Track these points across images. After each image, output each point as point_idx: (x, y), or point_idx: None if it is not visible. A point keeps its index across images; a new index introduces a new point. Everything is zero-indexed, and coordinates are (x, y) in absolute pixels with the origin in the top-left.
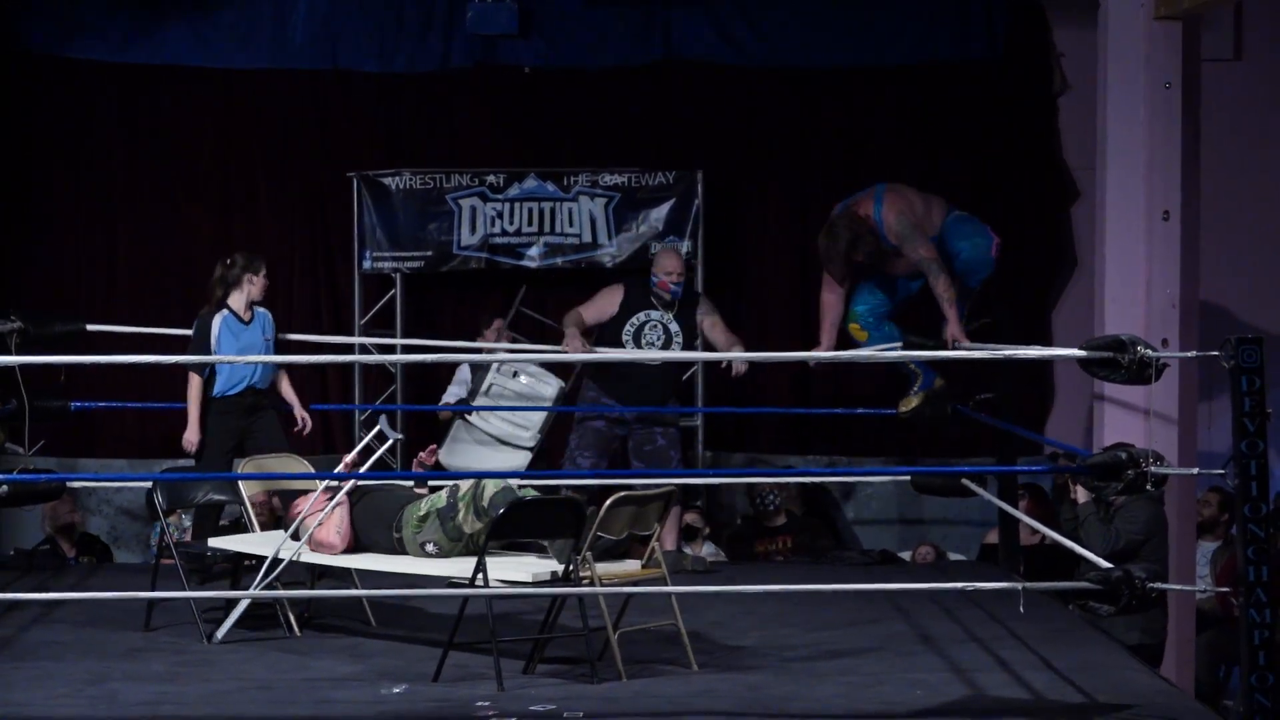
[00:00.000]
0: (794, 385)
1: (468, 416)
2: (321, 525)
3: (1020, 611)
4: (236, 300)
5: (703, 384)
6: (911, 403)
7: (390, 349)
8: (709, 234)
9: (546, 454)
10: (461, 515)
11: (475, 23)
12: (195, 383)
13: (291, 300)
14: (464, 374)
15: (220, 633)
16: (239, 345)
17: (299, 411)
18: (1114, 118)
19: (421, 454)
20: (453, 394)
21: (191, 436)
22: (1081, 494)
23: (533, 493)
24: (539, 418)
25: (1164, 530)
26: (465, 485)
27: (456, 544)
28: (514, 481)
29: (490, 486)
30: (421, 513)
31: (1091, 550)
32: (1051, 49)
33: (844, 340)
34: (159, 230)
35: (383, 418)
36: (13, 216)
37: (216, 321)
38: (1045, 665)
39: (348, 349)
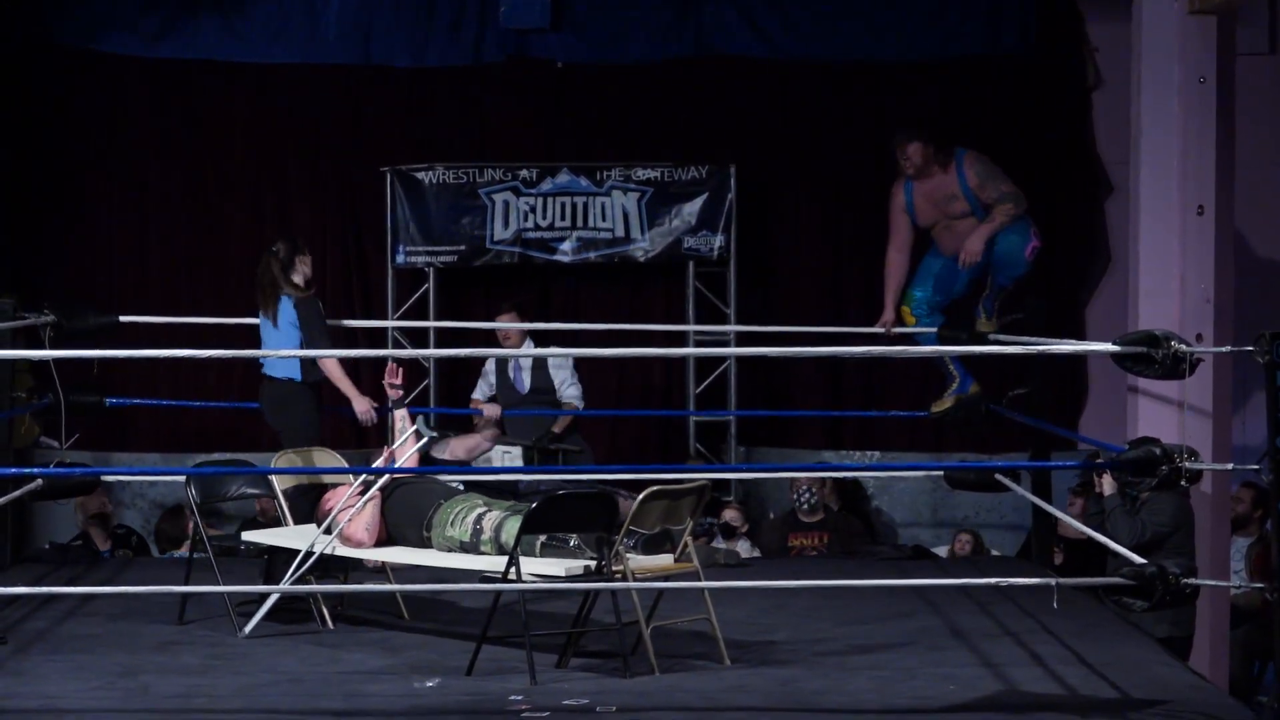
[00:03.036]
0: (827, 379)
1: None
2: (351, 521)
3: (1053, 606)
4: (300, 282)
5: (735, 382)
6: (944, 404)
7: (423, 334)
8: (742, 227)
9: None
10: (484, 550)
11: (507, 17)
12: (336, 364)
13: (325, 294)
14: (489, 369)
15: (249, 627)
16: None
17: None
18: (1148, 112)
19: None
20: (482, 390)
21: (365, 405)
22: (1107, 486)
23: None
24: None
25: (1190, 522)
26: (487, 526)
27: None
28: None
29: (511, 524)
30: (449, 533)
31: (1118, 542)
32: (1085, 43)
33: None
34: (191, 224)
35: (420, 418)
36: (46, 210)
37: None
38: (1078, 660)
39: (381, 337)
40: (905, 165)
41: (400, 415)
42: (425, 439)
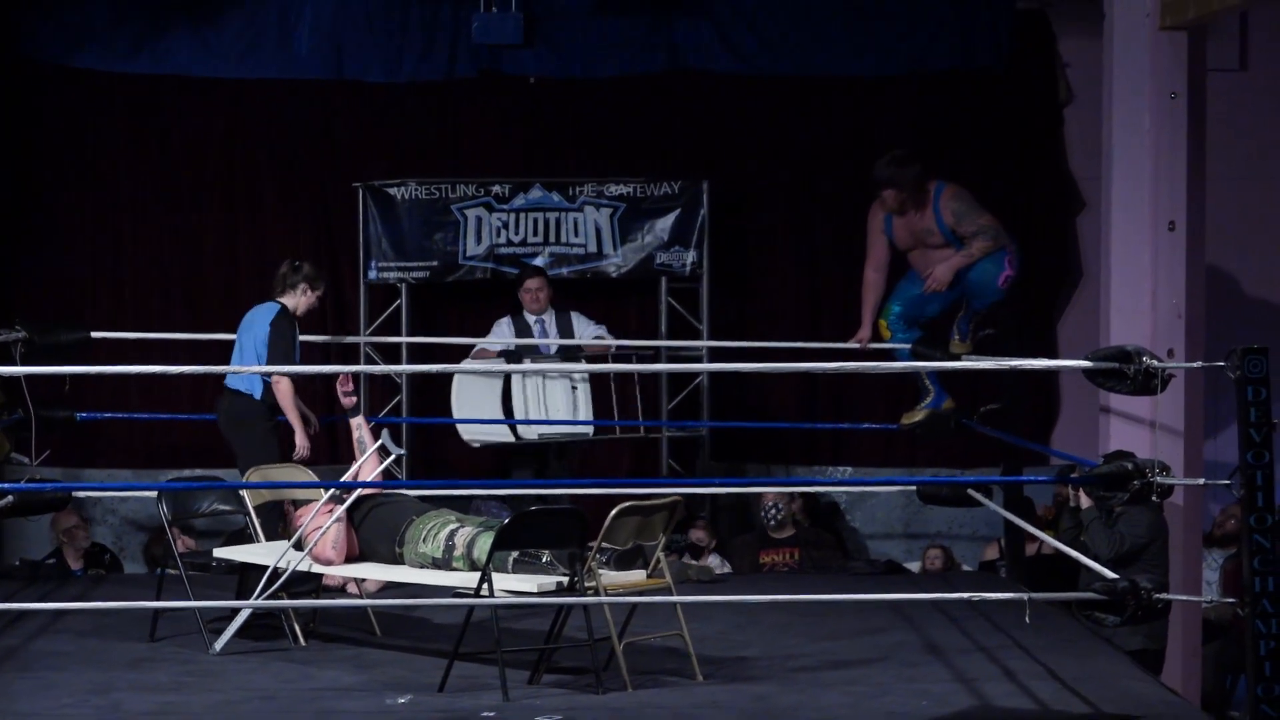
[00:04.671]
0: (801, 395)
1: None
2: (319, 540)
3: (1025, 621)
4: (290, 304)
5: (709, 395)
6: (915, 416)
7: (395, 352)
8: (715, 243)
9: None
10: (457, 566)
11: (480, 33)
12: (289, 385)
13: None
14: (505, 329)
15: (220, 643)
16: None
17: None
18: (1119, 128)
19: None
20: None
21: (304, 440)
22: (1084, 499)
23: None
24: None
25: (1165, 535)
26: (460, 542)
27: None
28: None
29: (484, 540)
30: (422, 549)
31: (1097, 553)
32: (1057, 59)
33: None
34: (165, 240)
35: (385, 431)
36: (19, 226)
37: (295, 327)
38: (1050, 675)
39: (353, 353)
40: (880, 203)
41: (355, 424)
42: (392, 456)
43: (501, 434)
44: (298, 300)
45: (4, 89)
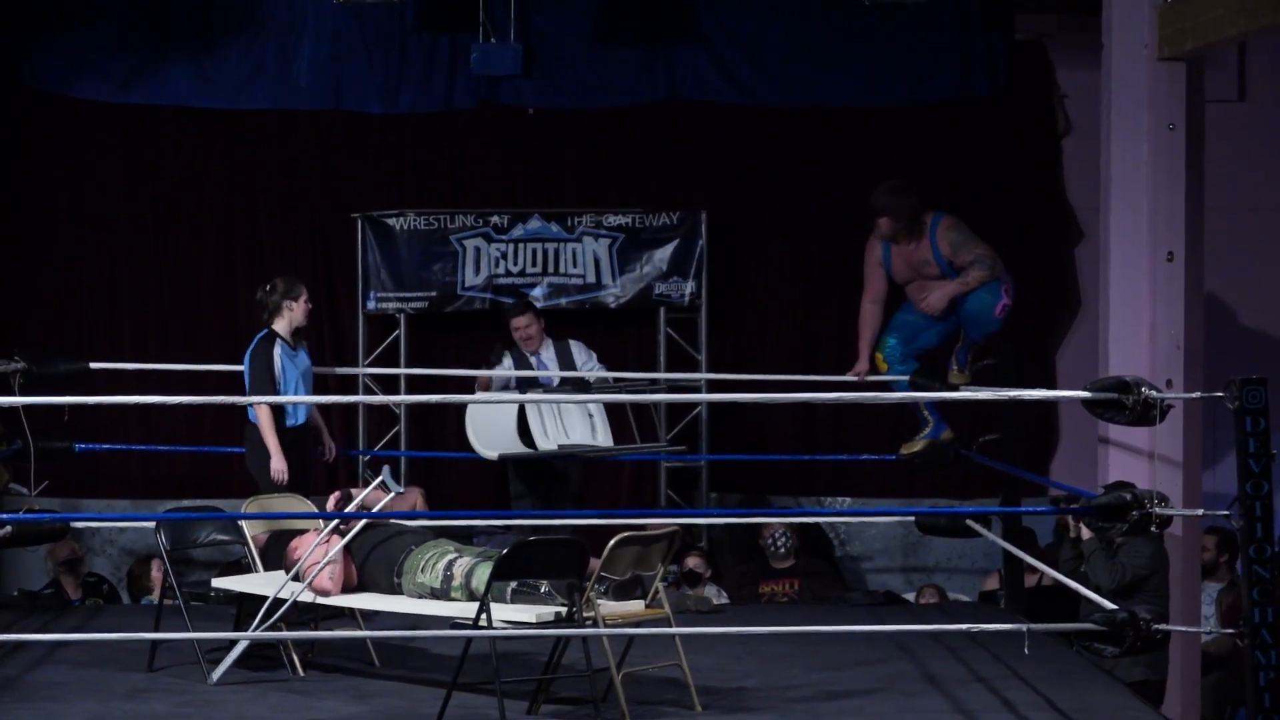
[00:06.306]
0: (799, 425)
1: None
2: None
3: (1024, 652)
4: (281, 326)
5: (707, 426)
6: (914, 446)
7: (394, 381)
8: (713, 274)
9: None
10: (455, 596)
11: (479, 64)
12: (267, 413)
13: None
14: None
15: (217, 673)
16: (297, 372)
17: (329, 440)
18: (1117, 158)
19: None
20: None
21: (280, 465)
22: (1085, 530)
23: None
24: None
25: (1167, 565)
26: (458, 572)
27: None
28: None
29: (482, 571)
30: (420, 579)
31: (1098, 584)
32: (1055, 89)
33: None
34: (163, 271)
35: (386, 468)
36: (17, 256)
37: (277, 350)
38: (1049, 706)
39: (352, 384)
40: (875, 231)
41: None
42: (391, 494)
43: (520, 446)
44: (288, 318)
45: (3, 118)
